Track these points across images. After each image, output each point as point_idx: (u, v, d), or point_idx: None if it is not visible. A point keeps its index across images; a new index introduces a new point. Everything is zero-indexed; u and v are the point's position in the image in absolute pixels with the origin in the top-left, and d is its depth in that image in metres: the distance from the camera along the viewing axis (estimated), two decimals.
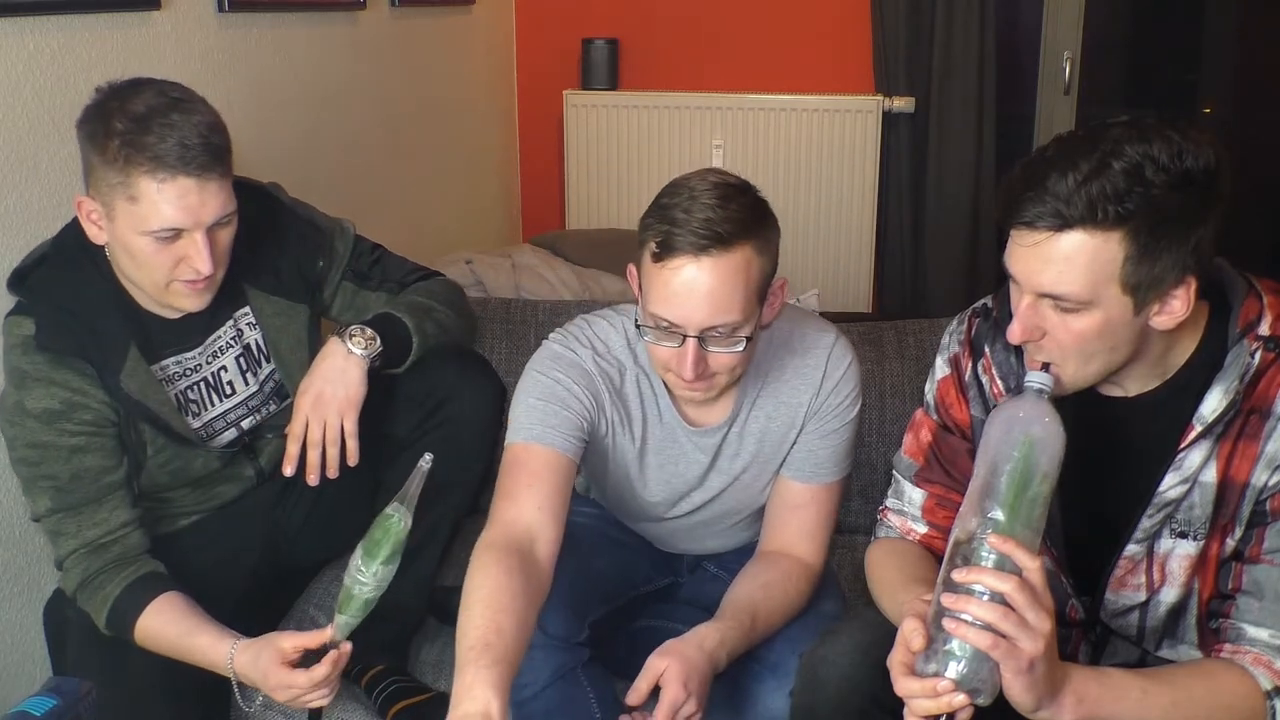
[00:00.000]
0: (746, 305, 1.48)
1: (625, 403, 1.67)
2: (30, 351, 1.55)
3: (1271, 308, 1.27)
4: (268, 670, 1.49)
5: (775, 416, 1.68)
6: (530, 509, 1.53)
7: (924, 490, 1.49)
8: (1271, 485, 1.26)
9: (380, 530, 1.44)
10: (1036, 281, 1.21)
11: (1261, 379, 1.25)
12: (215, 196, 1.53)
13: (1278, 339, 1.25)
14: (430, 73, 3.29)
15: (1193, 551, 1.31)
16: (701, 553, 1.87)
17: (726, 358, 1.51)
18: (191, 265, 1.55)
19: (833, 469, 1.70)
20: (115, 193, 1.50)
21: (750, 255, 1.47)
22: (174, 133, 1.48)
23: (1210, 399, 1.26)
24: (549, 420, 1.59)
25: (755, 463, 1.71)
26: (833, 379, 1.66)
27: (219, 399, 1.74)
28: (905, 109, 3.68)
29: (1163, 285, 1.20)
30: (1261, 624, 1.25)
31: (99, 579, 1.59)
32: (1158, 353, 1.30)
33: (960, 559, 1.16)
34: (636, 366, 1.67)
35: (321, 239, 1.80)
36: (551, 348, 1.66)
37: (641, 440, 1.69)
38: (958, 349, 1.47)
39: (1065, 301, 1.21)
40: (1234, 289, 1.30)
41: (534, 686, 1.60)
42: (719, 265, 1.44)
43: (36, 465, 1.58)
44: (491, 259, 3.07)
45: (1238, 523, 1.28)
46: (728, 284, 1.45)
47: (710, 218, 1.45)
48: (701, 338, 1.48)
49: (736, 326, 1.48)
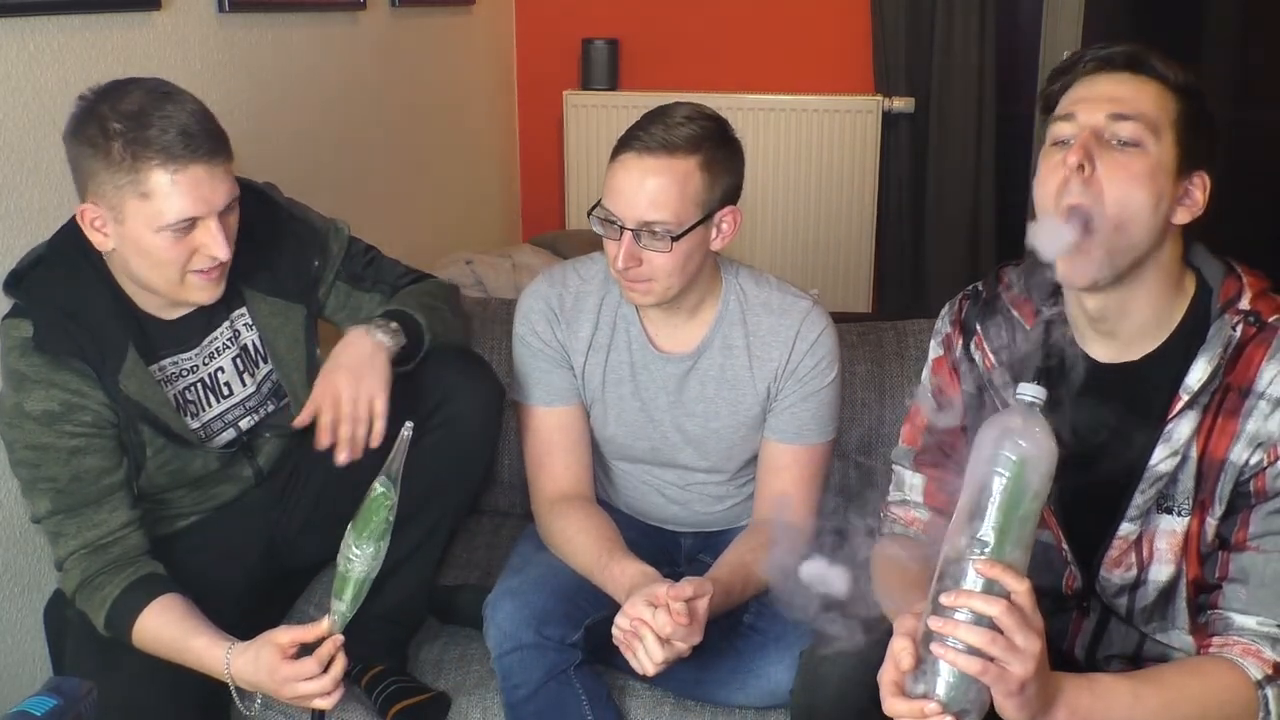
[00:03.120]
0: (680, 210, 1.63)
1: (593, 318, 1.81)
2: (29, 353, 1.54)
3: (1250, 285, 1.32)
4: (272, 667, 1.47)
5: (744, 363, 1.77)
6: (559, 471, 1.82)
7: (923, 475, 1.51)
8: (1253, 465, 1.27)
9: (367, 506, 1.44)
10: (1111, 105, 1.28)
11: (1242, 353, 1.28)
12: (224, 181, 1.53)
13: (1258, 313, 1.30)
14: (430, 73, 3.29)
15: (1178, 528, 1.33)
16: (696, 528, 1.91)
17: (659, 259, 1.64)
18: (208, 253, 1.54)
19: (816, 430, 1.78)
20: (124, 193, 1.49)
21: (693, 168, 1.63)
22: (173, 123, 1.48)
23: (1195, 369, 1.29)
24: (536, 377, 1.83)
25: (725, 407, 1.79)
26: (807, 340, 1.75)
27: (217, 400, 1.73)
28: (905, 109, 3.68)
29: (1196, 160, 1.29)
30: (1249, 611, 1.26)
31: (98, 580, 1.59)
32: (1164, 281, 1.32)
33: (949, 579, 1.14)
34: (614, 295, 1.81)
35: (317, 239, 1.80)
36: (521, 300, 1.86)
37: (612, 363, 1.81)
38: (948, 329, 1.51)
39: (1133, 123, 1.27)
40: (1212, 270, 1.35)
41: (526, 688, 1.62)
42: (660, 166, 1.62)
43: (36, 467, 1.57)
44: (491, 259, 3.08)
45: (1216, 500, 1.30)
46: (664, 186, 1.62)
47: (668, 125, 1.64)
48: (636, 233, 1.62)
49: (669, 229, 1.62)
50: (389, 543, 1.46)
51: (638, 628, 1.49)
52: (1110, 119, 1.27)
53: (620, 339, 1.81)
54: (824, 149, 3.72)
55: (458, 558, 2.09)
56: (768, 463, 1.80)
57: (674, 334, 1.80)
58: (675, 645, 1.49)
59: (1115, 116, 1.27)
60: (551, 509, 1.79)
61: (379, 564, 1.46)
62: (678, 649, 1.50)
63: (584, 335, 1.82)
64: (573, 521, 1.75)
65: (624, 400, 1.82)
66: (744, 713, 1.70)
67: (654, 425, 1.82)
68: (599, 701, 1.65)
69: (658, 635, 1.48)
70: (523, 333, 1.84)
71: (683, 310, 1.77)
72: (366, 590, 1.48)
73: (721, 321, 1.78)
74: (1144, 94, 1.29)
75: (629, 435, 1.84)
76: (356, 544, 1.44)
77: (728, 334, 1.78)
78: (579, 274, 1.85)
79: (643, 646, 1.49)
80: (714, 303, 1.79)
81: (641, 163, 1.62)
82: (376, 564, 1.46)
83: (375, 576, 1.47)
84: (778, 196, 3.79)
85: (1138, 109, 1.27)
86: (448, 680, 1.80)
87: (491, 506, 2.27)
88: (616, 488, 1.93)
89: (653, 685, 1.73)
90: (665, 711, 1.73)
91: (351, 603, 1.47)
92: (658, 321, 1.80)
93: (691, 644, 1.50)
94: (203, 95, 1.59)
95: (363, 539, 1.44)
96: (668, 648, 1.48)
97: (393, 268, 1.89)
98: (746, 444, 1.82)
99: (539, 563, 1.75)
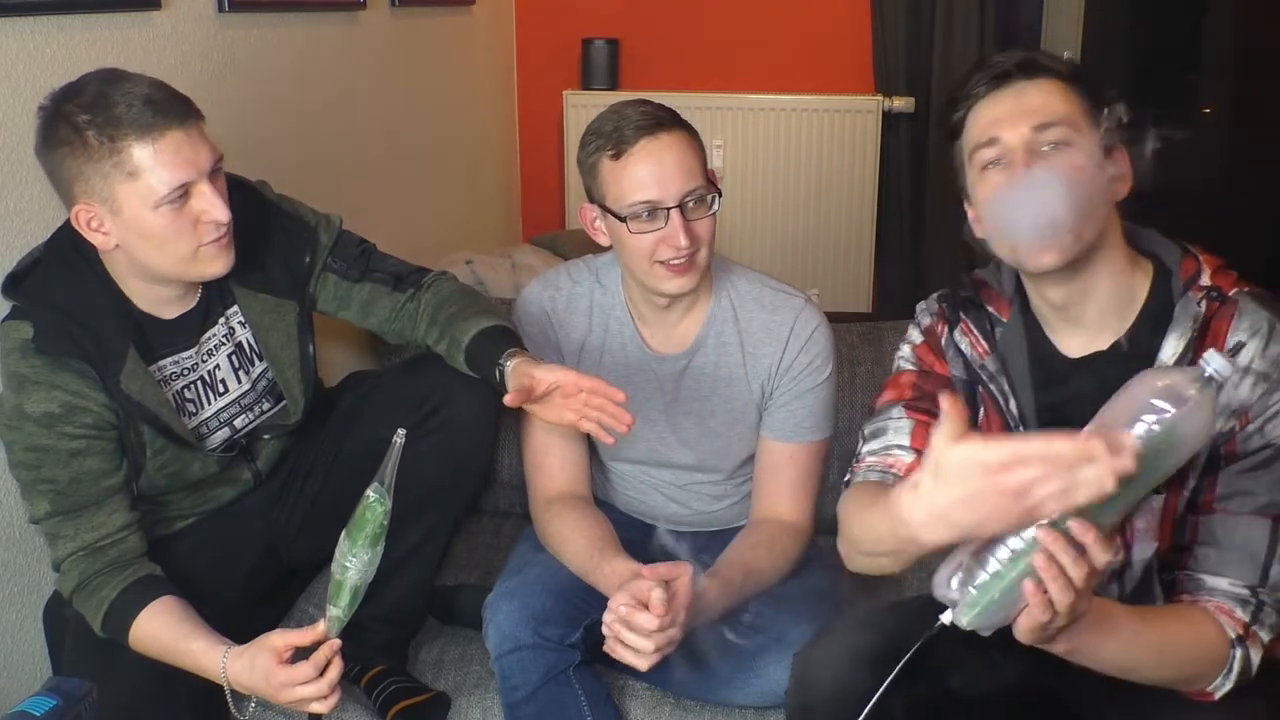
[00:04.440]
0: (705, 173, 1.67)
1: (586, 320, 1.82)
2: (29, 355, 1.54)
3: (1208, 263, 1.35)
4: (268, 672, 1.47)
5: (739, 362, 1.77)
6: (555, 472, 1.82)
7: (912, 419, 1.47)
8: (1224, 433, 1.28)
9: (360, 512, 1.43)
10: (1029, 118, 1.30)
11: (1209, 327, 1.31)
12: (203, 143, 1.52)
13: (1219, 288, 1.32)
14: (430, 73, 3.29)
15: (1156, 505, 1.33)
16: (695, 528, 1.90)
17: (706, 224, 1.67)
18: (209, 219, 1.53)
19: (812, 428, 1.78)
20: (111, 180, 1.48)
21: (688, 135, 1.67)
22: (136, 97, 1.47)
23: (1167, 346, 1.31)
24: None
25: (720, 406, 1.79)
26: (800, 338, 1.75)
27: (214, 397, 1.73)
28: (905, 109, 3.68)
29: (1112, 138, 1.31)
30: (1220, 573, 1.28)
31: (96, 582, 1.59)
32: (1119, 263, 1.35)
33: None
34: (605, 297, 1.81)
35: (308, 234, 1.79)
36: (516, 304, 1.88)
37: (606, 365, 1.81)
38: (930, 320, 1.51)
39: (1056, 127, 1.29)
40: (1168, 253, 1.38)
41: (525, 689, 1.62)
42: (672, 138, 1.65)
43: (36, 469, 1.57)
44: (491, 259, 3.08)
45: (1192, 472, 1.31)
46: (685, 152, 1.65)
47: (644, 110, 1.66)
48: (681, 206, 1.63)
49: (705, 191, 1.66)
50: (383, 549, 1.45)
51: (613, 625, 1.49)
52: (1034, 130, 1.30)
53: (614, 341, 1.81)
54: (824, 149, 3.72)
55: (458, 558, 2.09)
56: (764, 461, 1.81)
57: (668, 334, 1.80)
58: (665, 632, 1.48)
59: (1038, 128, 1.30)
60: (548, 509, 1.79)
61: (374, 570, 1.46)
62: (668, 636, 1.49)
63: (577, 338, 1.82)
64: (568, 522, 1.75)
65: None
66: (744, 713, 1.70)
67: (650, 426, 1.82)
68: (598, 702, 1.65)
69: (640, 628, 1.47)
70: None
71: (677, 309, 1.77)
72: (362, 596, 1.47)
73: (715, 320, 1.78)
74: (1051, 96, 1.32)
75: (625, 437, 1.83)
76: (351, 551, 1.44)
77: (721, 332, 1.78)
78: (571, 276, 1.85)
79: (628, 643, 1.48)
80: (707, 301, 1.79)
81: (656, 142, 1.63)
82: (371, 570, 1.46)
83: (371, 581, 1.47)
84: (778, 196, 3.79)
85: (1054, 113, 1.31)
86: (448, 680, 1.80)
87: (491, 506, 2.27)
88: (615, 488, 1.93)
89: (653, 685, 1.73)
90: (665, 711, 1.73)
91: (347, 609, 1.47)
92: (651, 322, 1.80)
93: (678, 624, 1.49)
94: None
95: (357, 546, 1.43)
96: (656, 636, 1.48)
97: (385, 260, 1.87)
98: (743, 443, 1.82)
99: (538, 563, 1.75)
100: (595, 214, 1.71)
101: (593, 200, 1.72)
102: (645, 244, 1.65)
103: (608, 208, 1.67)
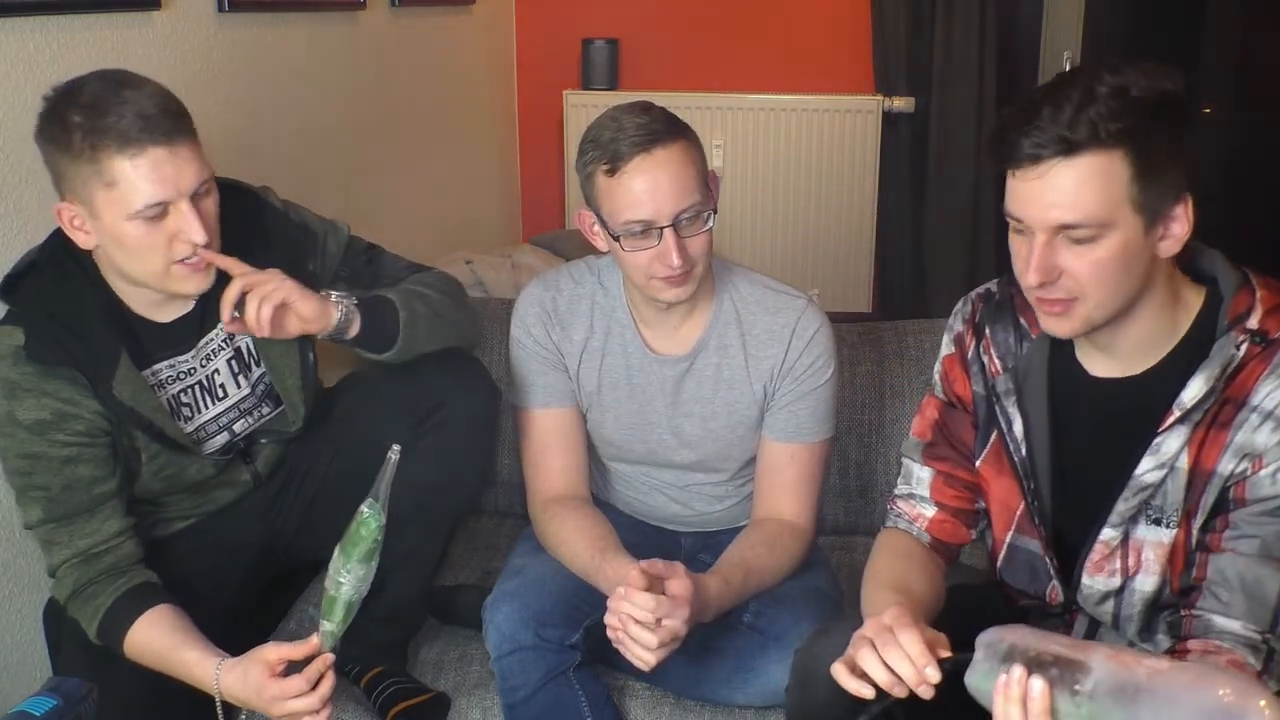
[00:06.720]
0: (701, 187, 1.64)
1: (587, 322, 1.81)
2: (20, 362, 1.53)
3: (1263, 302, 1.28)
4: (260, 685, 1.46)
5: (740, 363, 1.77)
6: (555, 472, 1.82)
7: (931, 469, 1.51)
8: (1237, 474, 1.27)
9: (354, 528, 1.43)
10: (1051, 216, 1.22)
11: (1242, 371, 1.27)
12: (190, 163, 1.50)
13: (1264, 333, 1.27)
14: (430, 73, 3.29)
15: (1166, 540, 1.32)
16: (696, 528, 1.90)
17: (701, 240, 1.64)
18: (185, 239, 1.51)
19: (813, 429, 1.78)
20: (91, 185, 1.47)
21: (687, 145, 1.64)
22: (129, 107, 1.46)
23: (1192, 386, 1.28)
24: (532, 380, 1.82)
25: (722, 408, 1.79)
26: (803, 338, 1.75)
27: (212, 401, 1.73)
28: (905, 109, 3.68)
29: (1166, 202, 1.23)
30: (1230, 615, 1.26)
31: (91, 589, 1.58)
32: (1160, 303, 1.30)
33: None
34: (607, 298, 1.81)
35: (313, 241, 1.78)
36: (516, 304, 1.86)
37: (607, 367, 1.80)
38: (962, 328, 1.51)
39: (1082, 229, 1.21)
40: (1228, 281, 1.32)
41: (525, 689, 1.62)
42: (668, 154, 1.60)
43: (28, 476, 1.56)
44: (491, 259, 3.08)
45: (1201, 510, 1.30)
46: (682, 168, 1.61)
47: (641, 122, 1.62)
48: (675, 224, 1.60)
49: (700, 208, 1.62)
50: (378, 563, 1.45)
51: (623, 620, 1.49)
52: (1059, 227, 1.22)
53: (615, 343, 1.81)
54: (824, 149, 3.72)
55: (458, 558, 2.09)
56: (766, 462, 1.80)
57: (669, 336, 1.80)
58: (668, 626, 1.48)
59: (1062, 226, 1.22)
60: (547, 510, 1.79)
61: (368, 585, 1.46)
62: (672, 629, 1.48)
63: (578, 339, 1.81)
64: (568, 523, 1.75)
65: (620, 403, 1.82)
66: (744, 712, 1.70)
67: (651, 428, 1.82)
68: (598, 702, 1.65)
69: (645, 621, 1.47)
70: (518, 335, 1.84)
71: (678, 312, 1.77)
72: (356, 610, 1.47)
73: (716, 322, 1.78)
74: (1086, 187, 1.20)
75: (626, 438, 1.84)
76: (345, 566, 1.43)
77: (723, 334, 1.78)
78: (572, 277, 1.85)
79: (634, 638, 1.48)
80: (708, 304, 1.78)
81: (650, 159, 1.59)
82: (365, 585, 1.45)
83: (366, 595, 1.46)
84: (778, 196, 3.79)
85: (1082, 213, 1.20)
86: (448, 681, 1.80)
87: (491, 506, 2.27)
88: (615, 489, 1.93)
89: (653, 685, 1.73)
90: (665, 711, 1.73)
91: (341, 623, 1.46)
92: (653, 324, 1.80)
93: (682, 619, 1.49)
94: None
95: (351, 561, 1.43)
96: (660, 630, 1.47)
97: (394, 263, 1.87)
98: (745, 444, 1.82)
99: (538, 564, 1.75)
100: (592, 220, 1.71)
101: (590, 207, 1.72)
102: (639, 260, 1.64)
103: (603, 220, 1.67)
